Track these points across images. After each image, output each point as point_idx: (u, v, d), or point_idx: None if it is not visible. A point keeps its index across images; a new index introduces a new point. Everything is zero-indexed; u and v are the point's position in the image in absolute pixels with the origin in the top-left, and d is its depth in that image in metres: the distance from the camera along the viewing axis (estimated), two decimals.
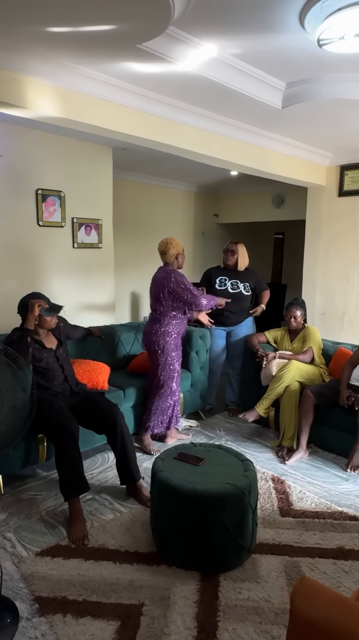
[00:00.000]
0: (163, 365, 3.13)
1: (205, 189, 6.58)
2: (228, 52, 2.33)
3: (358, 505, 2.56)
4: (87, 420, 2.62)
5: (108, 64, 2.39)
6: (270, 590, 1.91)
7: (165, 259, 3.17)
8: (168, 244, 3.14)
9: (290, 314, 3.53)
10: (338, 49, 2.16)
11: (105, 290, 4.27)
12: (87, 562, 2.05)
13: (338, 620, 0.92)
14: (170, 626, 1.71)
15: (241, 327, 3.88)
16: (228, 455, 2.32)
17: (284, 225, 7.54)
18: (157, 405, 3.19)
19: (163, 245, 3.16)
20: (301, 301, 3.61)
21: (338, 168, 4.49)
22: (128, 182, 5.61)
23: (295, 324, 3.54)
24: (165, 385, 3.16)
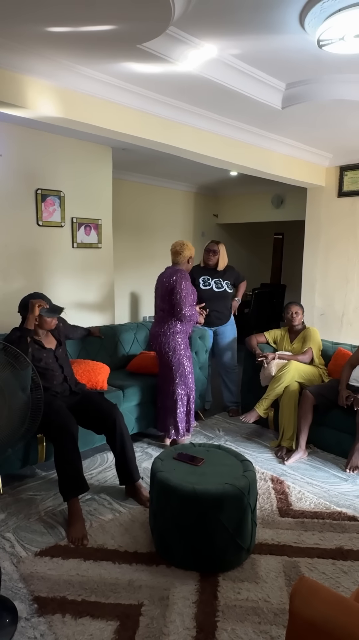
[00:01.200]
0: (177, 366, 3.14)
1: (205, 189, 6.59)
2: (228, 52, 2.33)
3: (357, 506, 2.56)
4: (86, 421, 2.62)
5: (108, 64, 2.40)
6: (269, 591, 1.91)
7: (177, 260, 3.20)
8: (184, 245, 3.19)
9: (290, 310, 3.55)
10: (338, 50, 2.16)
11: (104, 290, 4.27)
12: (86, 562, 2.05)
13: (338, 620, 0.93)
14: (169, 626, 1.71)
15: (226, 326, 3.93)
16: (228, 455, 2.32)
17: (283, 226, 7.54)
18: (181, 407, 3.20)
19: (179, 245, 3.19)
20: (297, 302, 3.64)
21: (338, 169, 4.49)
22: (127, 182, 5.61)
23: (298, 320, 3.54)
24: (183, 385, 3.18)
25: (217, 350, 3.96)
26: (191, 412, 3.29)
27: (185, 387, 3.19)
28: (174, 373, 3.14)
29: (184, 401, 3.21)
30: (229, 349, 3.94)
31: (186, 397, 3.22)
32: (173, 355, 3.12)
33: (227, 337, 3.94)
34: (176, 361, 3.13)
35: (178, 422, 3.20)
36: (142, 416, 3.34)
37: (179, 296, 3.02)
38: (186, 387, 3.20)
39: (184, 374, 3.16)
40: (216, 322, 3.85)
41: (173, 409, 3.19)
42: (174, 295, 3.03)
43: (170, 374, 3.16)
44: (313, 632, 0.96)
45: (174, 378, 3.15)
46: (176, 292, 3.02)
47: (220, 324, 3.88)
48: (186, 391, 3.20)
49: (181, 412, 3.20)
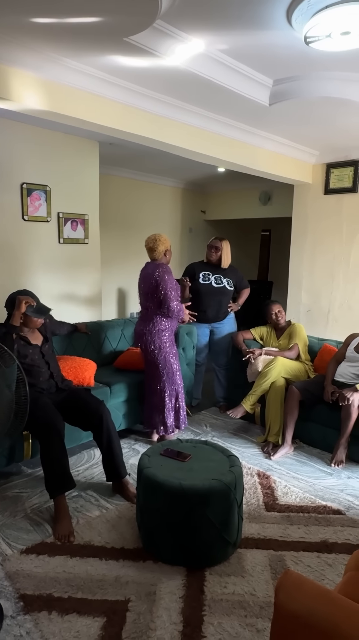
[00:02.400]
0: (163, 363, 3.12)
1: (193, 185, 6.58)
2: (215, 47, 2.32)
3: (341, 500, 2.60)
4: (73, 417, 2.61)
5: (94, 57, 2.37)
6: (255, 584, 1.92)
7: (154, 256, 3.15)
8: (156, 240, 3.11)
9: (272, 311, 3.57)
10: (325, 47, 2.16)
11: (91, 286, 4.23)
12: (72, 559, 2.05)
13: (322, 613, 0.94)
14: (155, 621, 1.72)
15: (223, 323, 3.89)
16: (214, 451, 2.33)
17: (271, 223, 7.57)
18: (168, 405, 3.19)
19: (152, 241, 3.12)
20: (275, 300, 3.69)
21: (324, 166, 4.52)
22: (115, 177, 5.57)
23: (282, 319, 3.57)
24: (171, 382, 3.17)
25: (213, 347, 3.95)
26: (182, 409, 3.28)
27: (173, 384, 3.18)
28: (161, 371, 3.13)
29: (172, 399, 3.21)
30: (225, 348, 3.92)
31: (174, 394, 3.22)
32: (159, 353, 3.11)
33: (224, 337, 3.92)
34: (162, 359, 3.12)
35: (166, 420, 3.20)
36: (129, 412, 3.33)
37: (164, 291, 2.99)
38: (174, 384, 3.19)
39: (171, 371, 3.15)
40: (213, 318, 3.83)
41: (160, 406, 3.18)
42: (159, 291, 3.01)
43: (156, 372, 3.15)
44: (298, 624, 0.98)
45: (161, 376, 3.14)
46: (161, 288, 3.00)
47: (217, 320, 3.86)
48: (174, 388, 3.20)
49: (168, 409, 3.20)
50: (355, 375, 3.09)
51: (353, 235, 4.41)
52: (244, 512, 2.39)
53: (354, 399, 2.85)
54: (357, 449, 3.01)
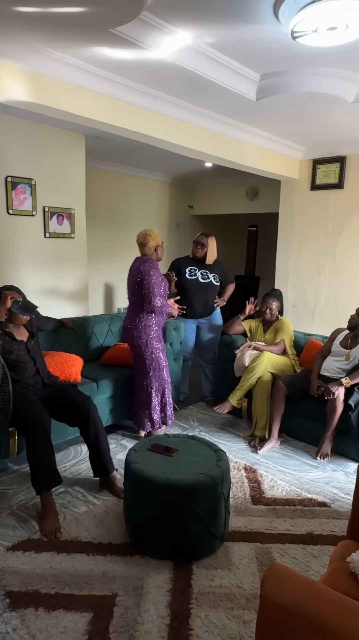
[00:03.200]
0: (150, 359, 3.12)
1: (180, 180, 6.55)
2: (202, 40, 2.31)
3: (326, 492, 2.63)
4: (59, 413, 2.59)
5: (80, 48, 2.33)
6: (241, 577, 1.94)
7: (144, 251, 3.13)
8: (147, 235, 3.09)
9: (266, 304, 3.58)
10: (312, 42, 2.17)
11: (77, 281, 4.20)
12: (59, 555, 2.04)
13: (307, 604, 0.95)
14: (143, 615, 1.73)
15: (210, 318, 3.91)
16: (201, 445, 2.34)
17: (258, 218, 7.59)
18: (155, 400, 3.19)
19: (142, 237, 3.11)
20: (279, 293, 3.65)
21: (311, 162, 4.54)
22: (101, 171, 5.51)
23: (270, 316, 3.59)
24: (158, 378, 3.16)
25: (199, 342, 3.96)
26: (168, 405, 3.28)
27: (160, 380, 3.18)
28: (147, 367, 3.13)
29: (158, 394, 3.20)
30: (212, 343, 3.93)
31: (161, 390, 3.21)
32: (146, 348, 3.10)
33: (211, 332, 3.93)
34: (149, 354, 3.11)
35: (153, 415, 3.20)
36: (117, 408, 3.32)
37: (148, 286, 2.97)
38: (161, 380, 3.19)
39: (158, 367, 3.15)
40: (200, 313, 3.84)
41: (147, 402, 3.18)
42: (143, 286, 3.00)
43: (143, 367, 3.14)
44: (283, 615, 0.99)
45: (148, 371, 3.13)
46: (145, 283, 2.98)
47: (203, 315, 3.87)
48: (160, 384, 3.19)
49: (155, 405, 3.20)
50: (341, 370, 3.12)
51: (338, 231, 4.45)
52: (231, 506, 2.41)
53: (339, 393, 2.88)
54: (342, 442, 3.05)
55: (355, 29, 2.02)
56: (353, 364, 3.07)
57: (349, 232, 4.39)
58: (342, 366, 3.13)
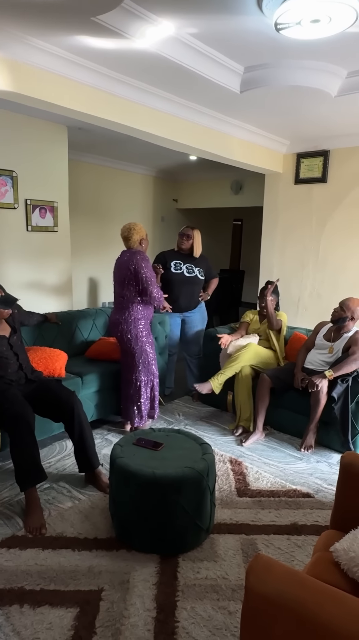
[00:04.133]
0: (139, 353, 3.10)
1: (164, 173, 6.51)
2: (185, 31, 2.28)
3: (310, 483, 2.67)
4: (43, 409, 2.56)
5: (61, 37, 2.28)
6: (227, 568, 1.96)
7: (129, 245, 3.11)
8: (131, 229, 3.07)
9: (265, 294, 3.55)
10: (295, 35, 2.16)
11: (61, 275, 4.15)
12: (44, 551, 2.03)
13: (290, 593, 0.96)
14: (129, 609, 1.73)
15: (195, 312, 3.91)
16: (187, 439, 2.35)
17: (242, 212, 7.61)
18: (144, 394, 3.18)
19: (126, 230, 3.09)
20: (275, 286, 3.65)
21: (295, 156, 4.55)
22: (85, 163, 5.44)
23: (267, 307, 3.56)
24: (147, 372, 3.16)
25: (184, 336, 3.96)
26: (156, 399, 3.28)
27: (149, 374, 3.17)
28: (137, 360, 3.12)
29: (148, 388, 3.20)
30: (197, 337, 3.94)
31: (150, 384, 3.21)
32: (135, 342, 3.09)
33: (195, 326, 3.93)
34: (138, 348, 3.10)
35: (142, 409, 3.19)
36: (102, 403, 3.31)
37: (145, 277, 2.98)
38: (150, 374, 3.18)
39: (147, 361, 3.14)
40: (185, 307, 3.83)
41: (136, 396, 3.17)
42: (139, 280, 2.99)
43: (132, 361, 3.13)
44: (268, 606, 1.00)
45: (137, 365, 3.12)
46: (141, 276, 2.98)
47: (188, 309, 3.87)
48: (149, 378, 3.19)
49: (144, 399, 3.19)
50: (324, 362, 3.16)
51: (322, 225, 4.49)
52: (216, 499, 2.42)
53: (323, 385, 2.92)
54: (326, 434, 3.10)
55: (338, 22, 2.02)
56: (336, 356, 3.11)
57: (332, 226, 4.42)
58: (326, 359, 3.16)
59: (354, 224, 4.28)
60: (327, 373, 2.94)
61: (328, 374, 2.94)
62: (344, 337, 3.10)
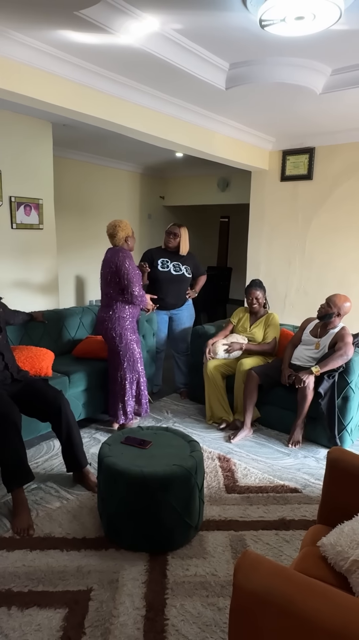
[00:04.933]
0: (124, 351, 3.09)
1: (151, 170, 6.48)
2: (170, 27, 2.26)
3: (298, 478, 2.69)
4: (30, 409, 2.53)
5: (44, 31, 2.24)
6: (216, 565, 1.97)
7: (114, 242, 3.09)
8: (116, 226, 3.05)
9: (251, 296, 3.53)
10: (280, 32, 2.16)
11: (47, 273, 4.10)
12: (32, 552, 2.01)
13: (278, 590, 0.97)
14: (118, 608, 1.72)
15: (182, 310, 3.90)
16: (175, 437, 2.35)
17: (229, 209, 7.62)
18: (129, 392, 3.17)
19: (112, 228, 3.07)
20: (259, 281, 3.64)
21: (280, 153, 4.57)
22: (70, 160, 5.39)
23: (258, 306, 3.55)
24: (132, 370, 3.15)
25: (172, 334, 3.95)
26: (143, 396, 3.27)
27: (134, 371, 3.16)
28: (122, 358, 3.10)
29: (133, 386, 3.19)
30: (184, 335, 3.93)
31: (134, 382, 3.20)
32: (120, 340, 3.08)
33: (183, 323, 3.92)
34: (123, 346, 3.09)
35: (127, 407, 3.19)
36: (90, 401, 3.29)
37: (127, 276, 2.96)
38: (135, 371, 3.17)
39: (132, 358, 3.13)
40: (172, 305, 3.82)
41: (121, 393, 3.16)
42: (121, 277, 2.97)
43: (117, 359, 3.12)
44: (256, 602, 1.00)
45: (122, 363, 3.11)
46: (122, 274, 2.96)
47: (175, 307, 3.86)
48: (135, 376, 3.18)
49: (129, 396, 3.18)
50: (311, 358, 3.18)
51: (308, 221, 4.52)
52: (205, 495, 2.43)
53: (309, 381, 2.94)
54: (313, 430, 3.13)
55: (322, 20, 2.02)
56: (323, 352, 3.14)
57: (318, 222, 4.46)
58: (312, 355, 3.19)
59: (340, 221, 4.31)
60: (314, 369, 2.97)
61: (315, 370, 2.96)
62: (331, 333, 3.13)
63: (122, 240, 3.07)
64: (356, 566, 1.26)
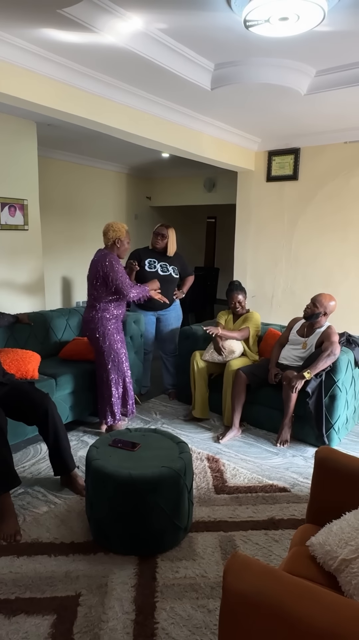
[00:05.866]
0: (108, 351, 3.08)
1: (137, 170, 6.46)
2: (154, 26, 2.25)
3: (287, 477, 2.70)
4: (16, 412, 2.49)
5: (27, 29, 2.21)
6: (206, 566, 1.96)
7: (104, 241, 3.09)
8: (109, 226, 3.08)
9: (233, 300, 3.53)
10: (264, 32, 2.17)
11: (32, 274, 4.06)
12: (19, 558, 1.98)
13: (268, 591, 0.96)
14: (108, 613, 1.70)
15: (169, 311, 3.88)
16: (164, 438, 2.33)
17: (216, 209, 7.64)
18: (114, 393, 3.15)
19: (105, 226, 3.09)
20: (239, 283, 3.64)
21: (266, 153, 4.60)
22: (55, 160, 5.34)
23: (240, 309, 3.55)
24: (117, 370, 3.13)
25: (159, 335, 3.93)
26: (130, 397, 3.25)
27: (119, 372, 3.14)
28: (106, 359, 3.09)
29: (118, 386, 3.17)
30: (172, 336, 3.92)
31: (121, 382, 3.18)
32: (103, 341, 3.06)
33: (170, 324, 3.91)
34: (107, 347, 3.07)
35: (114, 408, 3.16)
36: (77, 404, 3.25)
37: (117, 282, 2.95)
38: (120, 372, 3.15)
39: (117, 359, 3.11)
40: (159, 306, 3.81)
41: (108, 394, 3.14)
42: (111, 283, 2.96)
43: (102, 359, 3.10)
44: (246, 604, 0.99)
45: (106, 364, 3.09)
46: (112, 280, 2.95)
47: (163, 308, 3.84)
48: (120, 376, 3.16)
49: (116, 397, 3.16)
50: (298, 358, 3.20)
51: (294, 221, 4.55)
52: (194, 497, 2.42)
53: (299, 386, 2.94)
54: (301, 429, 3.14)
55: (306, 21, 2.03)
56: (310, 351, 3.15)
57: (304, 223, 4.49)
58: (299, 354, 3.20)
59: (325, 221, 4.35)
60: (306, 374, 2.94)
61: (307, 375, 2.94)
62: (317, 333, 3.15)
63: (111, 240, 3.05)
64: (345, 565, 1.26)
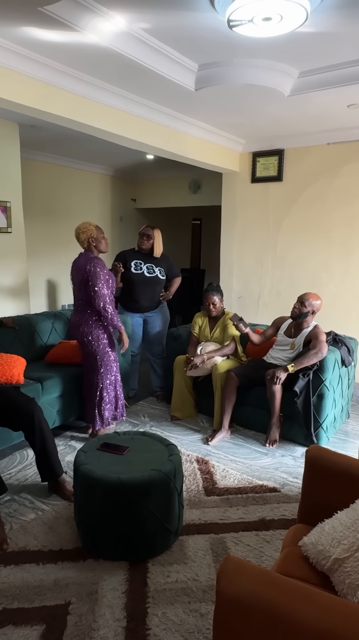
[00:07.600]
0: (100, 355, 3.04)
1: (122, 172, 6.43)
2: (137, 26, 2.24)
3: (276, 477, 2.70)
4: (1, 418, 2.44)
5: (7, 27, 2.17)
6: (197, 569, 1.94)
7: (82, 246, 3.05)
8: (77, 229, 3.03)
9: (208, 301, 3.52)
10: (248, 32, 2.17)
11: (16, 277, 3.99)
12: (6, 568, 1.93)
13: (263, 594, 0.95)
14: (98, 620, 1.67)
15: (156, 312, 3.86)
16: (153, 441, 2.31)
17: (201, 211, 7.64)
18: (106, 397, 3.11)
19: (75, 232, 3.04)
20: (216, 285, 3.63)
21: (251, 155, 4.61)
22: (39, 162, 5.28)
23: (215, 311, 3.54)
24: (108, 374, 3.09)
25: (147, 337, 3.90)
26: (120, 400, 3.22)
27: (110, 375, 3.11)
28: (98, 363, 3.04)
29: (110, 390, 3.13)
30: (159, 338, 3.89)
31: (112, 386, 3.14)
32: (96, 344, 3.02)
33: (157, 326, 3.88)
34: (100, 350, 3.03)
35: (104, 412, 3.12)
36: (64, 408, 3.20)
37: (96, 289, 2.89)
38: (111, 375, 3.12)
39: (109, 362, 3.08)
40: (146, 307, 3.78)
41: (99, 398, 3.10)
42: (90, 290, 2.91)
43: (94, 363, 3.06)
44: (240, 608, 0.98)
45: (98, 368, 3.05)
46: (91, 285, 2.90)
47: (149, 309, 3.81)
48: (111, 379, 3.12)
49: (106, 401, 3.12)
50: (287, 359, 3.21)
51: (279, 222, 4.57)
52: (184, 499, 2.40)
53: (282, 377, 2.95)
54: (289, 428, 3.15)
55: (289, 21, 2.04)
56: (298, 351, 3.16)
57: (289, 223, 4.51)
58: (288, 355, 3.21)
59: (309, 221, 4.38)
60: (289, 367, 2.98)
61: (291, 369, 2.97)
62: (304, 332, 3.16)
63: (85, 242, 3.02)
64: (338, 564, 1.26)
